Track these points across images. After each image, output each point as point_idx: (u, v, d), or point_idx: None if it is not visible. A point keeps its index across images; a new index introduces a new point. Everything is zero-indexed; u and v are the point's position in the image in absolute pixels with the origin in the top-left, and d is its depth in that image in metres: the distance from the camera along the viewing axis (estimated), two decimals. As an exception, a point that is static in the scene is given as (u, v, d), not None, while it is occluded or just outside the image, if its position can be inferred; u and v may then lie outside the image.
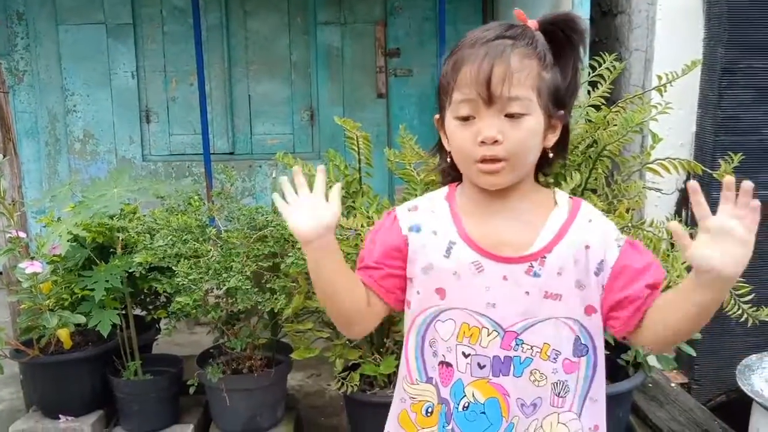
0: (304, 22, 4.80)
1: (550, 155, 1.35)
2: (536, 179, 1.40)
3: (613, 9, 3.76)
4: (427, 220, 1.37)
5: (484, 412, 1.34)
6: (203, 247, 2.65)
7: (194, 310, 2.61)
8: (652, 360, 2.70)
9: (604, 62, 2.66)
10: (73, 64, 4.68)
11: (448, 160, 1.37)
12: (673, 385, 3.22)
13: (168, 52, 4.76)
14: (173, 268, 2.62)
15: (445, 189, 1.43)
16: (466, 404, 1.34)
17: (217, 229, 2.77)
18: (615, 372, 2.70)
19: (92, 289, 2.72)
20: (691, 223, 3.22)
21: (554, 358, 1.32)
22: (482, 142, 1.24)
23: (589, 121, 2.56)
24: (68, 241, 2.71)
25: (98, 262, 2.82)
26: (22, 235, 2.91)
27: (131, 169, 4.30)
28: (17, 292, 2.81)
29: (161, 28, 4.74)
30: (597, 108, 2.60)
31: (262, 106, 4.87)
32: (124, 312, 2.87)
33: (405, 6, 4.77)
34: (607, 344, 2.52)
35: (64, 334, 2.82)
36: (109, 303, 2.79)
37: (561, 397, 1.34)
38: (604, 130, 2.46)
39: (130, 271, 2.73)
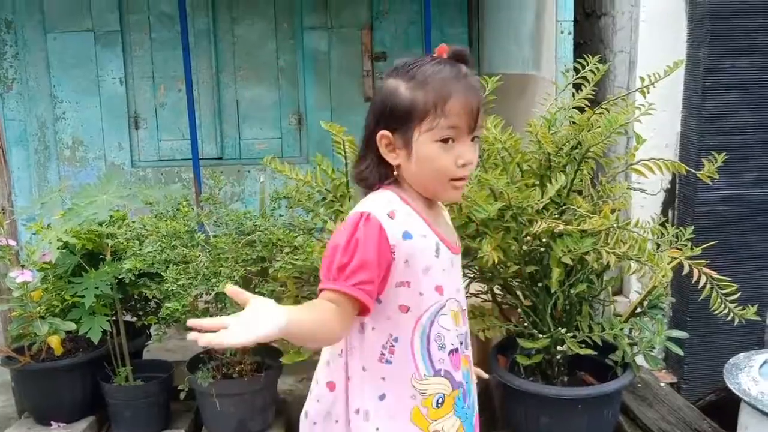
0: (290, 28, 4.81)
1: None
2: None
3: (597, 11, 3.78)
4: (412, 225, 1.48)
5: (468, 381, 1.62)
6: (192, 252, 2.66)
7: (184, 316, 2.62)
8: (640, 360, 2.72)
9: (588, 64, 2.69)
10: (61, 72, 4.67)
11: (394, 173, 1.50)
12: (662, 384, 3.24)
13: (156, 58, 4.76)
14: (162, 273, 2.63)
15: (391, 195, 1.50)
16: (468, 379, 1.61)
17: (205, 235, 2.77)
18: (603, 372, 2.72)
19: (82, 296, 2.73)
20: (678, 222, 3.25)
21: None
22: (464, 164, 1.45)
23: (574, 122, 2.58)
24: (58, 248, 2.72)
25: (88, 268, 2.83)
26: (12, 243, 2.92)
27: (120, 176, 4.31)
28: (8, 301, 2.82)
29: (149, 34, 4.74)
30: (581, 110, 2.62)
31: (250, 111, 4.87)
32: (114, 318, 2.87)
33: (391, 10, 4.79)
34: (594, 345, 2.56)
35: (55, 341, 2.82)
36: (99, 309, 2.80)
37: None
38: (589, 131, 2.48)
39: (119, 277, 2.74)
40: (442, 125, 1.42)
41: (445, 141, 1.43)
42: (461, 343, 1.57)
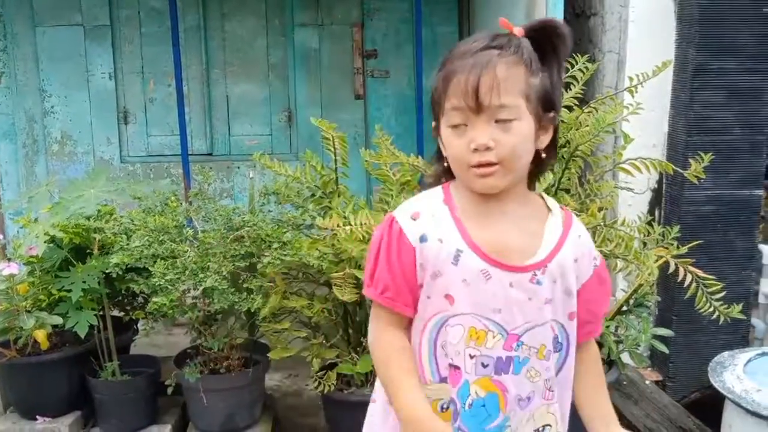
0: (281, 24, 4.80)
1: (543, 156, 1.41)
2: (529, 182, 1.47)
3: (587, 11, 3.80)
4: (432, 227, 1.40)
5: (483, 405, 1.43)
6: (180, 247, 2.65)
7: (171, 311, 2.61)
8: (625, 358, 2.74)
9: (577, 63, 2.70)
10: (50, 66, 4.65)
11: (445, 164, 1.43)
12: (647, 382, 3.26)
13: (146, 53, 4.74)
14: (150, 268, 2.63)
15: (439, 191, 1.46)
16: (471, 402, 1.43)
17: (194, 230, 2.77)
18: (589, 369, 2.73)
19: (69, 290, 2.72)
20: (664, 222, 3.27)
21: (548, 357, 1.45)
22: (475, 149, 1.32)
23: (562, 121, 2.59)
24: (45, 242, 2.71)
25: (75, 263, 2.82)
26: (-2, 236, 2.91)
27: (109, 171, 4.29)
28: (-6, 294, 2.81)
29: (139, 29, 4.72)
30: (570, 109, 2.63)
31: (240, 107, 4.86)
32: (101, 313, 2.87)
33: (382, 8, 4.78)
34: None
35: (41, 335, 2.81)
36: (86, 304, 2.79)
37: (551, 390, 1.47)
38: (577, 130, 2.49)
39: (107, 271, 2.73)
40: (448, 108, 1.34)
41: (456, 126, 1.34)
42: (483, 365, 1.41)
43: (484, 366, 1.41)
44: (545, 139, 1.39)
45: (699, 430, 2.89)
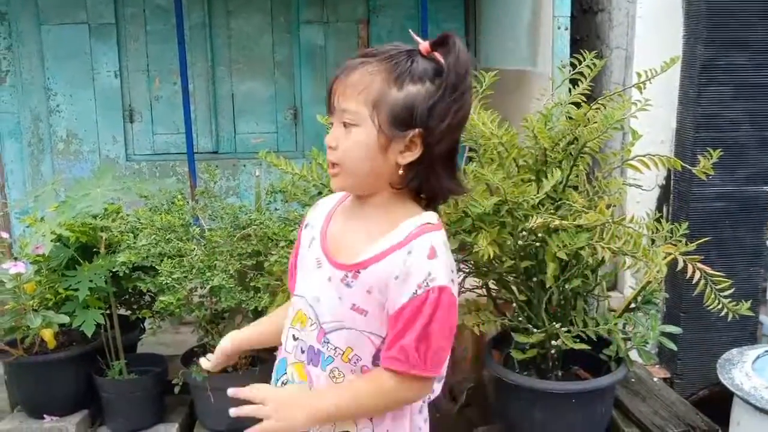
0: (287, 21, 4.80)
1: (400, 172, 1.36)
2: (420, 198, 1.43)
3: (594, 7, 3.79)
4: (315, 216, 1.53)
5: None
6: (187, 246, 2.65)
7: (178, 309, 2.62)
8: (634, 355, 2.73)
9: (585, 60, 2.68)
10: (55, 64, 4.66)
11: None
12: (655, 379, 3.25)
13: (151, 51, 4.75)
14: (157, 267, 2.63)
15: None
16: (285, 381, 1.50)
17: (200, 228, 2.77)
18: (597, 367, 2.73)
19: (76, 289, 2.72)
20: (672, 218, 3.25)
21: (354, 363, 1.40)
22: (328, 146, 1.38)
23: (570, 118, 2.58)
24: (52, 240, 2.71)
25: (82, 261, 2.82)
26: (4, 235, 2.91)
27: (115, 169, 4.28)
28: (0, 293, 2.80)
29: (144, 27, 4.73)
30: (577, 105, 2.62)
31: (246, 104, 4.87)
32: (108, 312, 2.86)
33: (387, 5, 4.78)
34: (588, 339, 2.56)
35: (48, 334, 2.81)
36: (93, 303, 2.79)
37: None
38: (585, 127, 2.47)
39: (113, 270, 2.73)
40: None
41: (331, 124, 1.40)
42: (301, 350, 1.45)
43: (303, 351, 1.45)
44: (408, 156, 1.34)
45: (707, 427, 2.87)
